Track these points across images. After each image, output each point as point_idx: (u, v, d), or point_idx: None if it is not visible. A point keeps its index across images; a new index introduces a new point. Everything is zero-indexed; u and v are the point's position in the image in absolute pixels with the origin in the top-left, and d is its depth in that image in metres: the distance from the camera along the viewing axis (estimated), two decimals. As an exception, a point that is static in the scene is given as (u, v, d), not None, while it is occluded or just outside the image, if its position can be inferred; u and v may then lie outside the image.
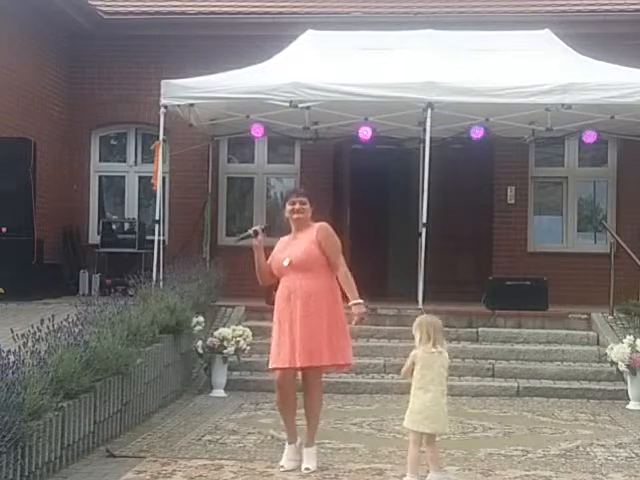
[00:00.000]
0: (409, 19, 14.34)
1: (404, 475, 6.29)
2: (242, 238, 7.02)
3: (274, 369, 6.77)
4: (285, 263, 6.72)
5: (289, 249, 6.80)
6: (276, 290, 6.91)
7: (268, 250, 6.97)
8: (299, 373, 6.83)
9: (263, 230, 6.89)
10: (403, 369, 6.40)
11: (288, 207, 6.83)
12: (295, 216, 6.80)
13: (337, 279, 6.79)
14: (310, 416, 6.88)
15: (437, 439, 6.36)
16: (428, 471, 6.26)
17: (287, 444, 6.86)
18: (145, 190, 15.58)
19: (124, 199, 15.84)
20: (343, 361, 6.82)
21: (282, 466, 6.70)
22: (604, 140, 14.53)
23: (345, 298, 6.82)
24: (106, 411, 7.36)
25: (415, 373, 6.26)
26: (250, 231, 6.94)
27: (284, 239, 6.97)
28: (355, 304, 6.75)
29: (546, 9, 14.67)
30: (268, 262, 6.92)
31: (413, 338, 6.44)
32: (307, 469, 6.65)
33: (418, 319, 6.47)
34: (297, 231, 6.86)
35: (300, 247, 6.75)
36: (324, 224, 6.85)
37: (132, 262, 13.74)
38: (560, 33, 13.16)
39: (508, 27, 13.56)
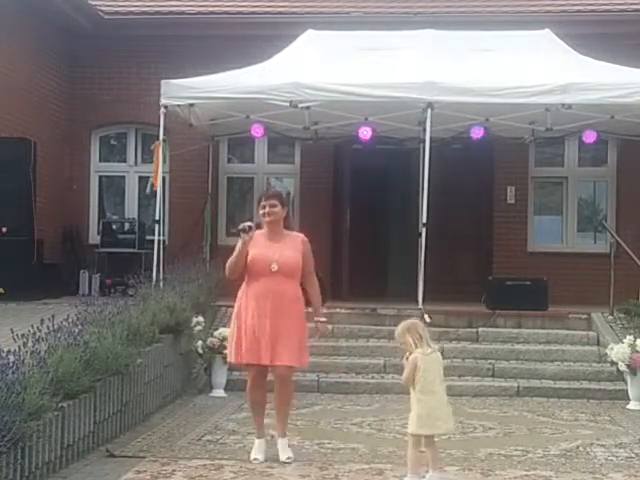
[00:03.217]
0: (409, 19, 14.34)
1: (404, 475, 6.29)
2: (239, 230, 7.10)
3: (246, 364, 7.10)
4: (274, 268, 6.97)
5: (272, 252, 7.03)
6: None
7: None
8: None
9: (251, 227, 7.09)
10: (405, 375, 6.30)
11: (260, 211, 7.14)
12: (267, 219, 7.09)
13: (301, 286, 7.18)
14: (282, 409, 7.17)
15: (437, 439, 6.37)
16: (427, 471, 6.27)
17: (257, 439, 7.08)
18: (145, 190, 15.58)
19: (124, 199, 15.83)
20: (306, 361, 7.29)
21: (256, 458, 6.91)
22: (604, 140, 14.53)
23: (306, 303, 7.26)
24: (106, 411, 7.36)
25: (417, 378, 6.19)
26: (245, 225, 7.08)
27: (258, 236, 7.12)
28: (322, 321, 7.26)
29: (546, 9, 14.66)
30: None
31: (400, 344, 6.37)
32: (289, 458, 6.93)
33: (403, 325, 6.37)
34: (274, 233, 7.11)
35: (286, 254, 7.04)
36: (305, 238, 7.25)
37: (132, 262, 13.73)
38: (560, 33, 13.16)
39: (508, 27, 13.57)
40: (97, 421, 7.15)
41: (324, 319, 7.31)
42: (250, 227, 7.06)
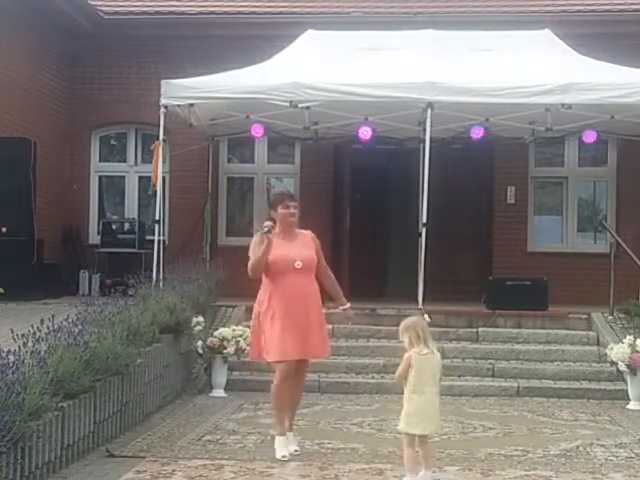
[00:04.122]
0: (409, 19, 14.34)
1: (404, 475, 6.31)
2: (266, 232, 7.23)
3: (281, 361, 7.14)
4: (298, 265, 7.20)
5: (292, 251, 7.25)
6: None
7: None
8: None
9: (273, 227, 7.32)
10: (398, 373, 6.39)
11: (283, 210, 7.32)
12: (292, 219, 7.36)
13: (319, 280, 7.45)
14: (296, 403, 7.48)
15: (437, 439, 6.37)
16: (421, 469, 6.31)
17: (280, 436, 7.16)
18: (145, 190, 15.59)
19: (124, 199, 15.84)
20: (329, 351, 7.68)
21: (284, 455, 7.01)
22: (604, 140, 14.52)
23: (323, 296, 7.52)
24: (106, 411, 7.36)
25: (410, 377, 6.27)
26: (269, 225, 7.25)
27: (257, 238, 7.30)
28: (347, 308, 7.60)
29: (546, 9, 14.66)
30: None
31: (401, 342, 6.46)
32: (296, 451, 7.17)
33: (404, 322, 6.47)
34: (287, 233, 7.34)
35: (304, 251, 7.31)
36: (313, 234, 7.55)
37: (132, 262, 13.73)
38: (560, 33, 13.16)
39: (508, 27, 13.56)
40: (97, 421, 7.15)
41: (348, 305, 7.59)
42: (272, 227, 7.28)
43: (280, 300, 7.17)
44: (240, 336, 10.27)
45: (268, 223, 7.26)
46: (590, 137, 13.35)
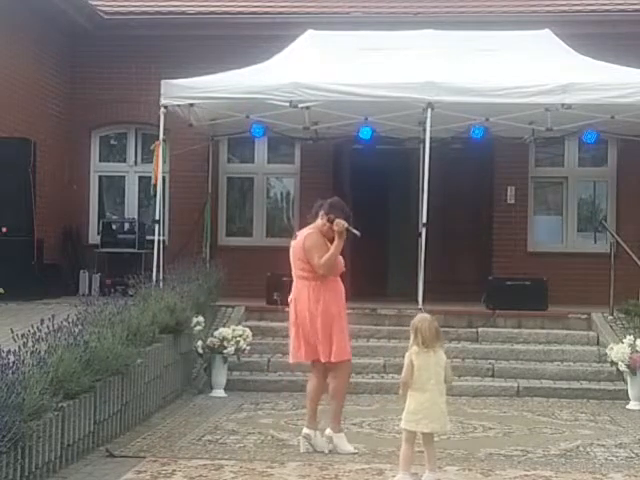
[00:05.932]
0: (409, 19, 14.34)
1: (397, 473, 6.32)
2: (347, 229, 7.44)
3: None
4: (343, 267, 7.59)
5: None
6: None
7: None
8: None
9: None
10: (403, 373, 6.37)
11: (342, 220, 7.42)
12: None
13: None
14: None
15: (437, 439, 6.37)
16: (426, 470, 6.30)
17: (314, 431, 7.38)
18: (145, 190, 15.59)
19: (124, 199, 15.84)
20: None
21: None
22: (604, 140, 14.52)
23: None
24: (106, 411, 7.36)
25: (414, 376, 6.27)
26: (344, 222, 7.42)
27: (322, 238, 7.49)
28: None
29: (546, 9, 14.66)
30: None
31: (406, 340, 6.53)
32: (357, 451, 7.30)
33: (415, 320, 6.49)
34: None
35: None
36: None
37: (132, 262, 13.73)
38: (560, 33, 13.16)
39: (508, 27, 13.57)
40: (97, 421, 7.15)
41: None
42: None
43: (340, 301, 7.44)
44: (240, 336, 10.28)
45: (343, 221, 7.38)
46: (590, 137, 13.31)
